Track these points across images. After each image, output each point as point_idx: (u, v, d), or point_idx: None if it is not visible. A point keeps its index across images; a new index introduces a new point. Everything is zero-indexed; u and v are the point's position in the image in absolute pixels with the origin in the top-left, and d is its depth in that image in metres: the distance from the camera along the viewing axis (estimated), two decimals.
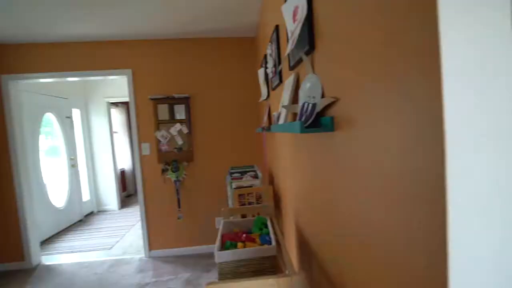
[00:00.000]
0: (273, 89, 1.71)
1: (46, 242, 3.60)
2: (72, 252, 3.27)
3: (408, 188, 0.43)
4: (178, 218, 2.93)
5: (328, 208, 0.81)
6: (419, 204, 0.41)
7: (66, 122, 4.18)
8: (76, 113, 4.51)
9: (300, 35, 0.85)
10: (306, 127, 0.72)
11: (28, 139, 3.11)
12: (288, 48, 1.01)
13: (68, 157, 4.20)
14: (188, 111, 2.87)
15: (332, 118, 0.69)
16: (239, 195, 1.83)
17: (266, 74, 2.01)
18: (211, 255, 2.94)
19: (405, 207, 0.44)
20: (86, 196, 4.65)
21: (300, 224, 1.25)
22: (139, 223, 4.16)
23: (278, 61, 1.42)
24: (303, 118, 0.86)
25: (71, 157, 4.26)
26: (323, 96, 0.76)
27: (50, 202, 3.79)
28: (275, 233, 1.16)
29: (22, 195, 2.86)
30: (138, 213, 4.71)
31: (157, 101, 2.84)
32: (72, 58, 2.83)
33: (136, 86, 2.86)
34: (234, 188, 1.90)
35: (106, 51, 2.84)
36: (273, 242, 1.05)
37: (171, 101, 2.85)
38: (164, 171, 2.87)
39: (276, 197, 2.03)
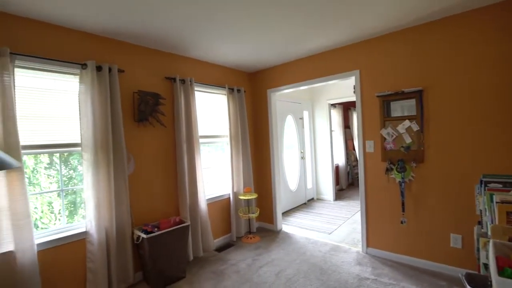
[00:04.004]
0: None
1: (284, 214, 4.65)
2: (300, 227, 4.00)
3: None
4: (401, 223, 2.70)
5: None
6: None
7: (299, 122, 5.17)
8: (305, 115, 5.44)
9: None
10: None
11: (278, 135, 4.15)
12: None
13: (299, 151, 5.17)
14: (420, 106, 2.55)
15: None
16: (509, 212, 1.37)
17: None
18: (437, 274, 2.50)
19: None
20: (309, 184, 5.51)
21: None
22: (354, 217, 4.33)
23: None
24: None
25: (301, 150, 5.20)
26: None
27: (287, 185, 4.86)
28: None
29: (274, 177, 3.89)
30: (351, 207, 4.94)
31: (383, 98, 2.76)
32: (305, 70, 3.44)
33: (362, 85, 2.95)
34: (498, 202, 1.44)
35: (334, 58, 3.15)
36: None
37: (399, 97, 2.66)
38: (388, 170, 2.76)
39: None
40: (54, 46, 2.18)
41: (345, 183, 6.49)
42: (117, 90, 2.44)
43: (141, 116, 2.66)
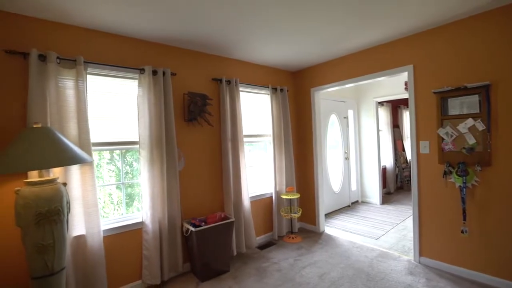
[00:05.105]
0: None
1: (326, 216, 4.53)
2: (344, 230, 3.85)
3: None
4: (462, 232, 2.44)
5: None
6: None
7: (343, 121, 4.99)
8: (350, 114, 5.22)
9: None
10: None
11: (321, 135, 4.06)
12: None
13: (343, 151, 4.98)
14: (487, 102, 2.27)
15: None
16: None
17: None
18: None
19: None
20: (353, 186, 5.27)
21: None
22: (404, 223, 4.04)
23: None
24: None
25: (345, 151, 5.01)
26: None
27: (330, 186, 4.73)
28: None
29: (317, 178, 3.82)
30: (400, 212, 4.61)
31: (441, 94, 2.52)
32: (351, 67, 3.31)
33: (416, 81, 2.73)
34: None
35: (383, 53, 2.97)
36: None
37: (461, 93, 2.41)
38: (446, 173, 2.51)
39: None
40: (116, 53, 2.43)
41: (393, 186, 6.08)
42: (170, 92, 2.63)
43: (190, 116, 2.82)
